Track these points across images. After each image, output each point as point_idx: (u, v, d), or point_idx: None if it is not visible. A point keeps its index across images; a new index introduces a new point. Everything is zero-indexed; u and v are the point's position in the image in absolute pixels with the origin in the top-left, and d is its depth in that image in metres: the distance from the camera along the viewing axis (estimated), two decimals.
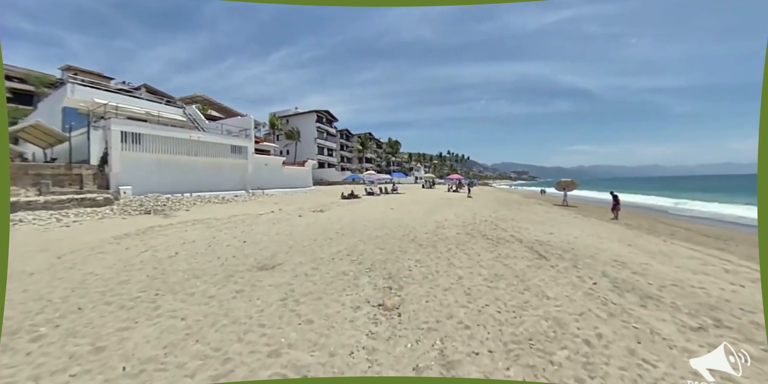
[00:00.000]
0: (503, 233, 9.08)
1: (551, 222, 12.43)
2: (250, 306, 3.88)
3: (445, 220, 11.49)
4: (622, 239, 9.61)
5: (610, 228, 12.22)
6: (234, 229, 9.93)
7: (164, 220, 12.86)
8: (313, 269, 5.35)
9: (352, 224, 10.18)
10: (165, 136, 19.94)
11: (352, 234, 8.54)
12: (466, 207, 17.04)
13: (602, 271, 5.78)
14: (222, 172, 23.34)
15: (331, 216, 12.36)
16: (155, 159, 19.62)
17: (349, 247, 6.90)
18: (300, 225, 10.16)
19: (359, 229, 9.37)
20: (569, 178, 25.11)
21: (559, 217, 15.00)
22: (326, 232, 8.93)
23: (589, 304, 4.06)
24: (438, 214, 13.49)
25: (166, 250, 7.21)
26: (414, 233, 8.61)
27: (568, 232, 10.05)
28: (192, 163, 21.55)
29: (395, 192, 28.98)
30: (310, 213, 13.55)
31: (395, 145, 79.91)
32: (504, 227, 10.18)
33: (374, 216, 12.23)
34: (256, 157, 25.69)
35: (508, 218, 12.71)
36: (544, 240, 8.44)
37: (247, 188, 24.45)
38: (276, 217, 12.40)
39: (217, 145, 22.83)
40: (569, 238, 9.09)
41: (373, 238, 7.95)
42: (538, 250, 7.12)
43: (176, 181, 20.54)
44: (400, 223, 10.32)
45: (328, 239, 7.86)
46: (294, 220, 11.31)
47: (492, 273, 5.10)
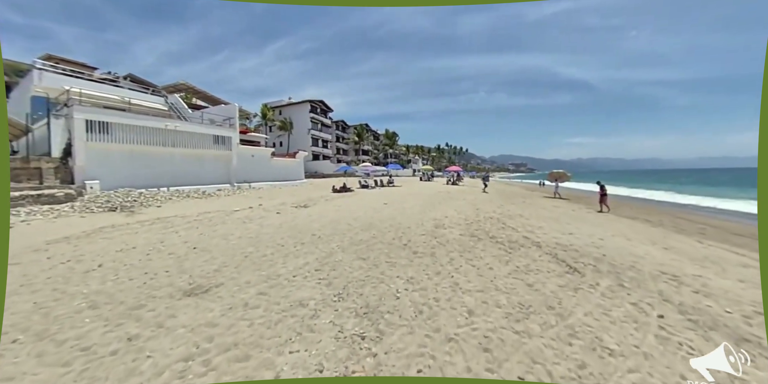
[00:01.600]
0: (514, 234, 7.55)
1: (564, 218, 10.92)
2: (126, 373, 2.34)
3: (444, 217, 9.94)
4: (654, 240, 8.14)
5: (630, 225, 10.76)
6: (194, 230, 8.37)
7: (126, 218, 11.31)
8: (260, 295, 3.80)
9: (335, 224, 8.61)
10: (138, 126, 18.17)
11: (332, 237, 6.97)
12: (468, 201, 15.49)
13: (658, 291, 4.28)
14: (204, 164, 21.65)
15: (314, 213, 10.78)
16: (127, 150, 17.91)
17: (321, 258, 5.34)
18: (272, 225, 8.59)
19: (342, 229, 7.81)
20: (561, 170, 23.86)
21: (570, 212, 13.52)
22: (300, 234, 7.37)
23: (674, 363, 2.55)
24: (437, 209, 11.94)
25: (93, 260, 5.67)
26: (408, 235, 7.06)
27: (589, 232, 8.56)
28: (169, 155, 19.84)
29: (391, 185, 27.37)
30: (291, 209, 11.97)
31: (392, 137, 77.95)
32: (514, 226, 8.65)
33: (364, 213, 10.66)
34: (242, 148, 23.96)
35: (515, 214, 11.18)
36: (566, 243, 6.93)
37: (232, 181, 22.80)
38: (250, 214, 10.82)
39: (197, 135, 21.08)
40: (593, 239, 7.61)
41: (355, 242, 6.40)
42: (564, 258, 5.60)
43: (152, 175, 18.86)
44: (392, 222, 8.76)
45: (298, 245, 6.30)
46: (268, 219, 9.74)
47: (515, 302, 3.56)
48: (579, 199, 21.48)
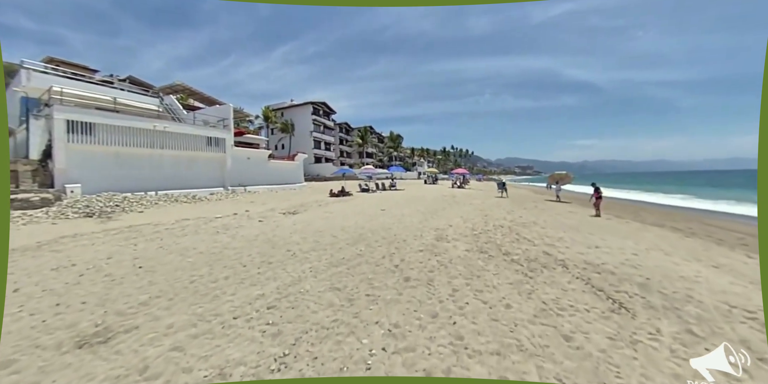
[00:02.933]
0: (532, 248, 6.25)
1: (585, 227, 9.57)
2: None
3: (448, 226, 8.67)
4: (696, 255, 6.80)
5: (660, 235, 9.37)
6: (156, 241, 7.24)
7: (98, 225, 10.32)
8: (172, 352, 2.59)
9: (319, 235, 7.40)
10: (124, 126, 17.22)
11: (308, 254, 5.76)
12: (474, 206, 14.18)
13: (741, 340, 2.99)
14: (196, 166, 20.66)
15: (300, 221, 9.59)
16: (112, 152, 16.97)
17: (284, 286, 4.12)
18: (246, 237, 7.41)
19: (324, 243, 6.59)
20: (564, 171, 22.03)
21: (589, 218, 12.14)
22: (273, 249, 6.17)
23: None
24: (440, 216, 10.67)
25: (15, 282, 4.60)
26: (402, 252, 5.81)
27: (618, 245, 7.22)
28: (158, 157, 18.88)
29: (393, 188, 26.11)
30: (277, 216, 10.80)
31: (397, 139, 76.81)
32: (530, 237, 7.34)
33: (356, 221, 9.44)
34: (237, 150, 22.95)
35: (529, 222, 9.86)
36: (596, 261, 5.63)
37: (226, 185, 21.77)
38: (230, 222, 9.67)
39: (189, 136, 20.11)
40: (626, 255, 6.29)
41: (335, 263, 5.17)
42: (600, 285, 4.31)
43: (139, 178, 17.91)
44: (386, 234, 7.52)
45: (264, 265, 5.09)
46: (246, 228, 8.57)
47: (551, 375, 2.30)
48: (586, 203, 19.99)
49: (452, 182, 35.33)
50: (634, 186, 44.54)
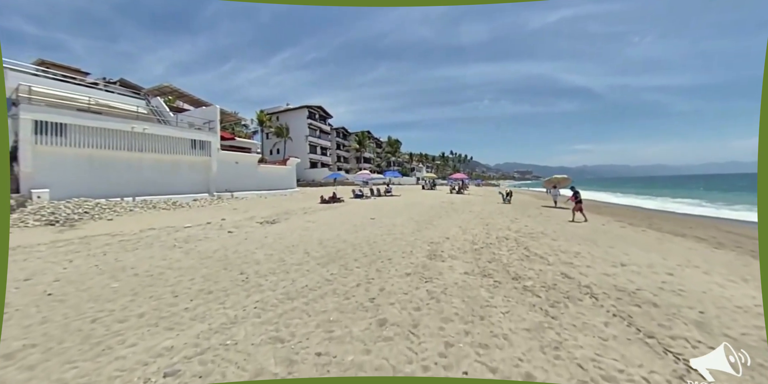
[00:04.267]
0: (546, 269, 5.07)
1: (601, 238, 8.38)
2: None
3: (444, 238, 7.48)
4: (740, 274, 5.64)
5: (686, 246, 8.20)
6: (99, 257, 6.10)
7: (55, 234, 9.22)
8: None
9: (290, 251, 6.21)
10: (100, 128, 16.09)
11: (264, 279, 4.56)
12: (475, 214, 13.01)
13: None
14: (179, 171, 19.49)
15: (275, 232, 8.38)
16: (86, 155, 15.82)
17: (209, 332, 2.93)
18: (203, 253, 6.22)
19: (292, 263, 5.40)
20: (563, 175, 20.46)
21: (601, 226, 10.97)
22: (224, 271, 4.98)
23: None
24: (436, 226, 9.49)
25: None
26: (384, 276, 4.61)
27: (647, 261, 6.06)
28: (137, 161, 17.72)
29: (388, 194, 24.93)
30: (253, 226, 9.61)
31: (395, 144, 75.91)
32: (541, 253, 6.16)
33: (339, 232, 8.24)
34: (224, 154, 21.81)
35: (536, 232, 8.68)
36: (628, 286, 4.45)
37: (211, 190, 20.57)
38: (196, 233, 8.47)
39: (171, 139, 18.98)
40: (661, 275, 5.14)
41: (294, 294, 3.96)
42: (647, 328, 3.13)
43: (116, 183, 16.72)
44: (370, 249, 6.32)
45: (200, 297, 3.90)
46: (210, 241, 7.38)
47: None
48: (590, 209, 18.85)
49: (450, 188, 34.14)
50: (637, 191, 43.52)
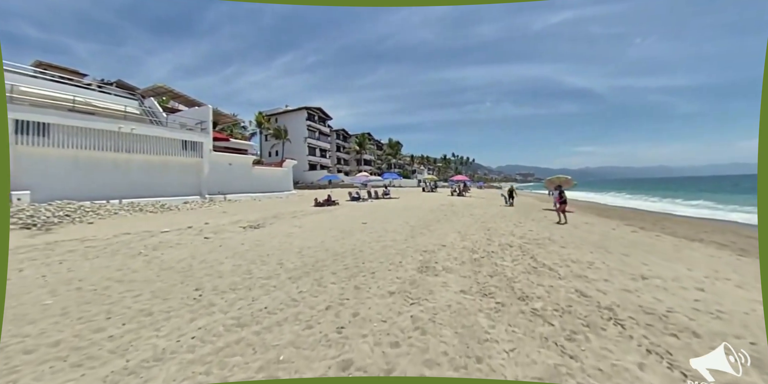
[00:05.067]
0: (559, 285, 4.30)
1: (614, 245, 7.59)
2: None
3: (440, 245, 6.72)
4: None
5: (707, 253, 7.41)
6: (53, 266, 5.46)
7: (26, 239, 8.67)
8: None
9: (263, 261, 5.48)
10: (85, 128, 15.49)
11: (221, 297, 3.85)
12: (475, 218, 12.24)
13: None
14: (169, 172, 18.85)
15: (254, 239, 7.64)
16: (71, 156, 15.22)
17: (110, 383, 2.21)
18: (164, 263, 5.51)
19: (260, 276, 4.66)
20: (566, 176, 18.68)
21: (611, 231, 10.16)
22: (179, 286, 4.27)
23: None
24: (432, 232, 8.73)
25: None
26: (362, 295, 3.85)
27: (671, 274, 5.28)
28: (125, 162, 17.10)
29: (387, 196, 24.17)
30: (236, 230, 8.89)
31: (396, 146, 75.24)
32: (549, 263, 5.39)
33: (324, 239, 7.49)
34: (217, 155, 21.17)
35: (542, 238, 7.89)
36: (658, 307, 3.69)
37: (203, 193, 19.91)
38: (170, 239, 7.76)
39: (161, 139, 18.36)
40: (692, 291, 4.39)
41: (247, 320, 3.22)
42: (696, 371, 2.38)
43: (102, 184, 16.11)
44: (353, 260, 5.56)
45: (133, 320, 3.18)
46: (179, 249, 6.67)
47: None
48: (597, 212, 18.02)
49: (451, 190, 33.29)
50: (642, 192, 42.53)
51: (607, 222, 12.80)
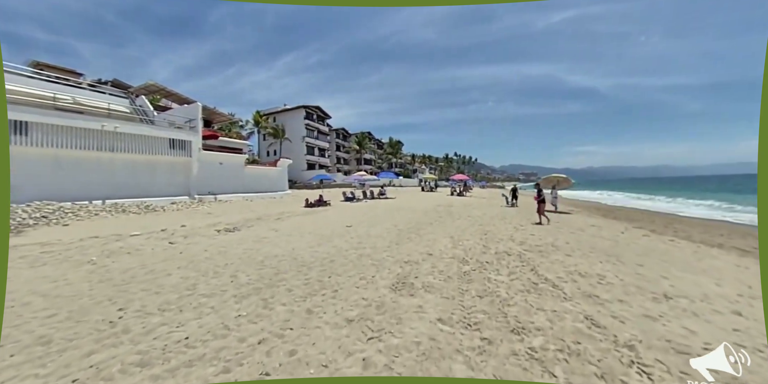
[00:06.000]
0: (562, 308, 3.48)
1: (625, 252, 6.72)
2: None
3: (427, 254, 5.91)
4: None
5: (735, 263, 6.53)
6: None
7: None
8: None
9: (213, 274, 4.70)
10: (66, 126, 14.84)
11: (141, 321, 3.08)
12: (473, 219, 11.41)
13: None
14: (156, 172, 18.17)
15: (222, 244, 6.86)
16: (51, 155, 14.57)
17: None
18: (106, 272, 4.77)
19: (203, 293, 3.89)
20: (562, 174, 17.38)
21: (620, 235, 9.28)
22: (101, 306, 3.51)
23: None
24: (421, 236, 7.91)
25: None
26: (309, 325, 3.05)
27: (699, 291, 4.45)
28: (109, 162, 16.43)
29: (382, 196, 23.36)
30: (209, 234, 8.13)
31: (396, 146, 74.39)
32: (553, 278, 4.56)
33: (297, 245, 6.68)
34: (207, 154, 20.46)
35: (545, 244, 7.05)
36: (691, 344, 2.85)
37: (192, 193, 19.21)
38: (132, 244, 7.00)
39: (147, 138, 17.67)
40: (731, 318, 3.54)
41: (145, 362, 2.47)
42: None
43: (85, 185, 15.46)
44: (320, 272, 4.76)
45: (22, 351, 2.42)
46: (135, 256, 5.92)
47: None
48: (603, 213, 17.10)
49: (451, 189, 32.35)
50: (648, 192, 41.42)
51: (615, 224, 11.92)
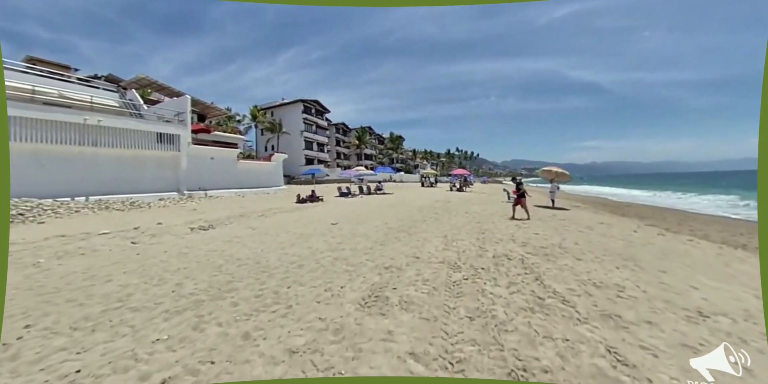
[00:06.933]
0: (578, 334, 2.72)
1: (643, 255, 5.91)
2: None
3: (414, 258, 5.14)
4: None
5: (757, 265, 5.68)
6: None
7: None
8: None
9: (158, 281, 3.97)
10: (46, 120, 14.15)
11: (40, 343, 2.35)
12: (471, 217, 10.61)
13: None
14: (143, 168, 17.47)
15: (181, 246, 6.08)
16: (29, 151, 13.88)
17: None
18: (44, 279, 4.07)
19: (127, 309, 3.16)
20: (561, 169, 16.33)
21: (633, 234, 8.44)
22: (12, 320, 2.78)
23: None
24: (411, 235, 7.13)
25: None
26: (238, 359, 2.34)
27: (738, 307, 3.64)
28: (93, 157, 15.73)
29: (379, 191, 22.58)
30: (177, 233, 7.40)
31: (397, 140, 73.35)
32: (563, 290, 3.78)
33: (267, 247, 5.92)
34: (196, 148, 19.72)
35: (551, 245, 6.26)
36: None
37: (181, 189, 18.50)
38: (96, 243, 6.29)
39: (134, 132, 16.94)
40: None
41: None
42: None
43: (67, 181, 14.80)
44: (275, 283, 4.01)
45: None
46: (86, 258, 5.22)
47: None
48: (610, 209, 16.25)
49: (451, 185, 31.44)
50: (654, 188, 40.37)
51: (625, 222, 11.08)
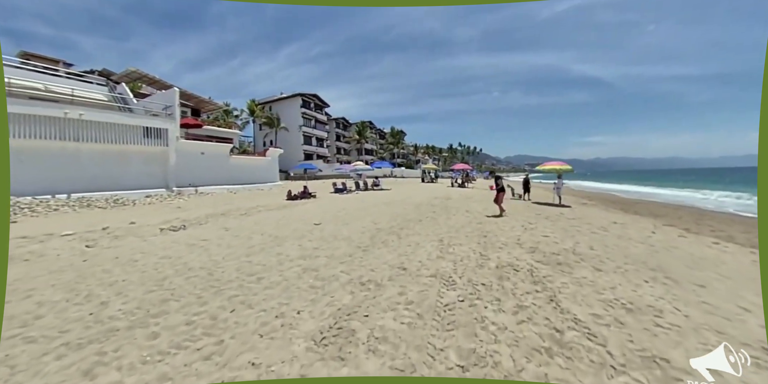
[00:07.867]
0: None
1: (668, 261, 5.07)
2: None
3: (400, 269, 4.34)
4: None
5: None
6: None
7: None
8: None
9: (92, 295, 3.21)
10: (23, 114, 13.40)
11: None
12: (472, 216, 9.76)
13: None
14: (129, 163, 16.71)
15: (135, 251, 5.30)
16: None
17: None
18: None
19: (26, 339, 2.39)
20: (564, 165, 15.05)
21: (652, 236, 7.57)
22: None
23: None
24: (402, 239, 6.31)
25: None
26: None
27: None
28: (75, 152, 14.98)
29: (377, 187, 21.73)
30: (145, 234, 6.63)
31: (398, 135, 72.23)
32: (585, 319, 2.98)
33: (231, 252, 5.13)
34: (186, 143, 18.91)
35: (564, 251, 5.43)
36: None
37: (170, 185, 17.74)
38: (48, 246, 5.53)
39: (119, 126, 16.15)
40: None
41: None
42: None
43: (47, 177, 14.08)
44: (217, 305, 3.25)
45: None
46: (26, 265, 4.45)
47: None
48: (621, 206, 15.35)
49: (452, 180, 30.48)
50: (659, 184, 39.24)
51: (640, 221, 10.20)
